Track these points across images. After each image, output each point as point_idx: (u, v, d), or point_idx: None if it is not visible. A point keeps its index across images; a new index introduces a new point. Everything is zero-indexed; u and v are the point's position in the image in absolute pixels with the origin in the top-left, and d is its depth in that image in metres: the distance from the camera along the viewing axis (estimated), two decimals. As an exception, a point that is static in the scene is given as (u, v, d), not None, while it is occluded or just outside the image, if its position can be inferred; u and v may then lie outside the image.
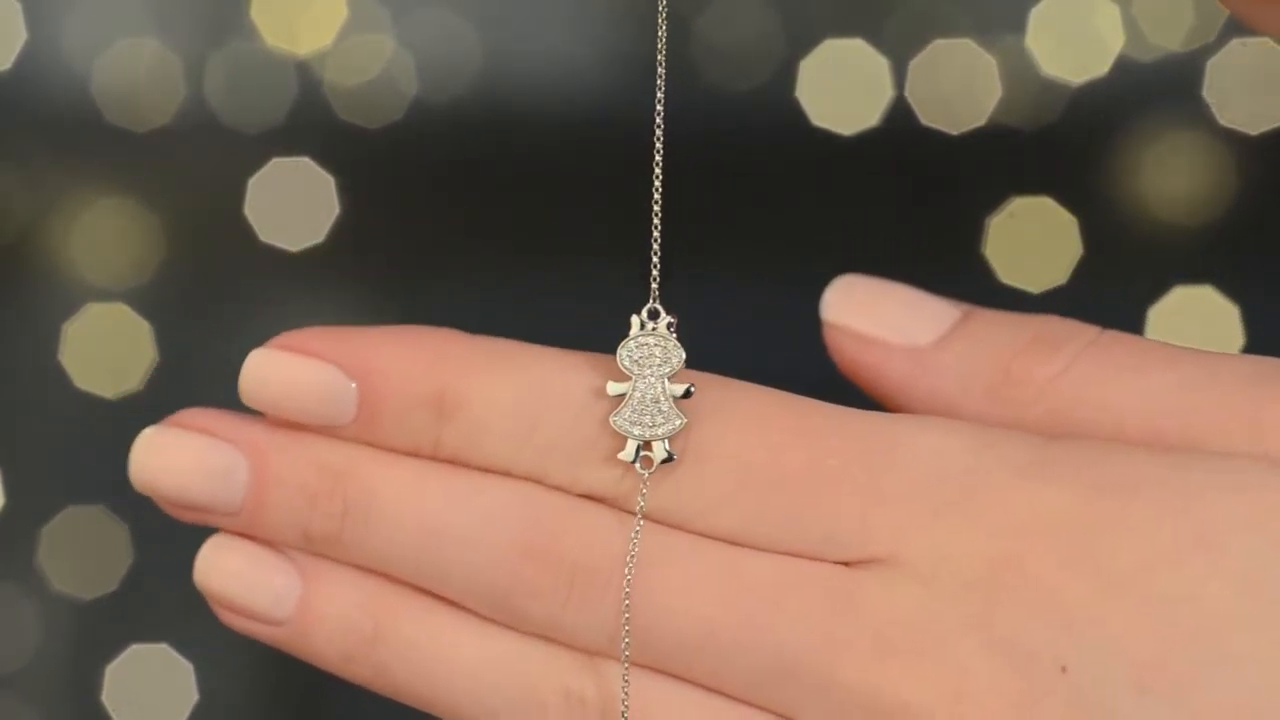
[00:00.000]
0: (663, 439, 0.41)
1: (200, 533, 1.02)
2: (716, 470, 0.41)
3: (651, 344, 0.42)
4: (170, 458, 0.44)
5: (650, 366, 0.42)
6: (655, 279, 0.43)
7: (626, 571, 0.41)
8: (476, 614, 0.43)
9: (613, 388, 0.42)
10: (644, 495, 0.42)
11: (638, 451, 0.41)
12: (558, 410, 0.42)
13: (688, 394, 0.42)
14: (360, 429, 0.43)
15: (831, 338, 0.45)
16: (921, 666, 0.40)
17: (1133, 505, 0.39)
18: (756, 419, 0.41)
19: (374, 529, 0.43)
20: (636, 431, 0.41)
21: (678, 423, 0.41)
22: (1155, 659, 0.39)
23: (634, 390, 0.42)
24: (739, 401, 0.42)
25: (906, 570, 0.40)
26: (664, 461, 0.41)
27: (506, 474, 0.42)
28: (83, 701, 0.93)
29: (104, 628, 0.93)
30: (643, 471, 0.41)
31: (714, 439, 0.41)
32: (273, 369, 0.43)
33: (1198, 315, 0.91)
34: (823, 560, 0.41)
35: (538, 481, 0.42)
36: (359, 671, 0.44)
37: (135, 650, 0.93)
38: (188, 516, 0.45)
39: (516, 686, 0.42)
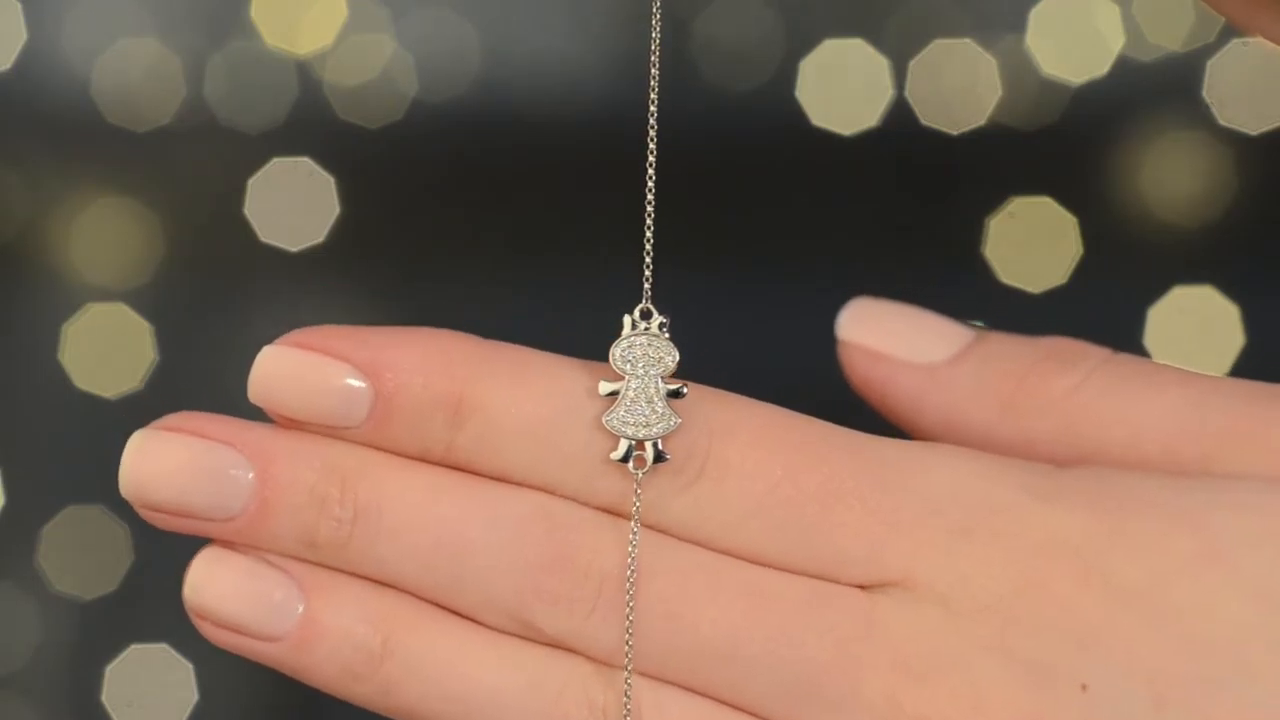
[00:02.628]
0: (656, 439, 0.41)
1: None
2: (735, 487, 0.41)
3: (644, 344, 0.42)
4: (162, 461, 0.42)
5: (643, 366, 0.42)
6: (648, 279, 0.43)
7: (628, 581, 0.41)
8: (491, 627, 0.42)
9: (604, 387, 0.42)
10: (638, 495, 0.42)
11: (629, 451, 0.41)
12: (577, 422, 0.42)
13: (678, 394, 0.42)
14: (371, 431, 0.42)
15: (846, 355, 0.45)
16: (941, 685, 0.40)
17: (1143, 524, 0.40)
18: (775, 439, 0.42)
19: (385, 536, 0.42)
20: (630, 431, 0.41)
21: (672, 422, 0.41)
22: (1170, 673, 0.39)
23: (627, 390, 0.41)
24: (757, 420, 0.42)
25: (922, 593, 0.40)
26: (656, 461, 0.41)
27: (520, 483, 0.42)
28: (83, 701, 0.94)
29: (104, 628, 0.93)
30: (635, 471, 0.41)
31: (733, 456, 0.41)
32: (285, 366, 0.42)
33: (1198, 315, 0.91)
34: (839, 582, 0.41)
35: (551, 492, 0.42)
36: (362, 690, 0.42)
37: (135, 650, 0.93)
38: (179, 525, 0.43)
39: (538, 700, 0.42)
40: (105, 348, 0.93)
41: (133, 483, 0.42)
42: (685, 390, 0.42)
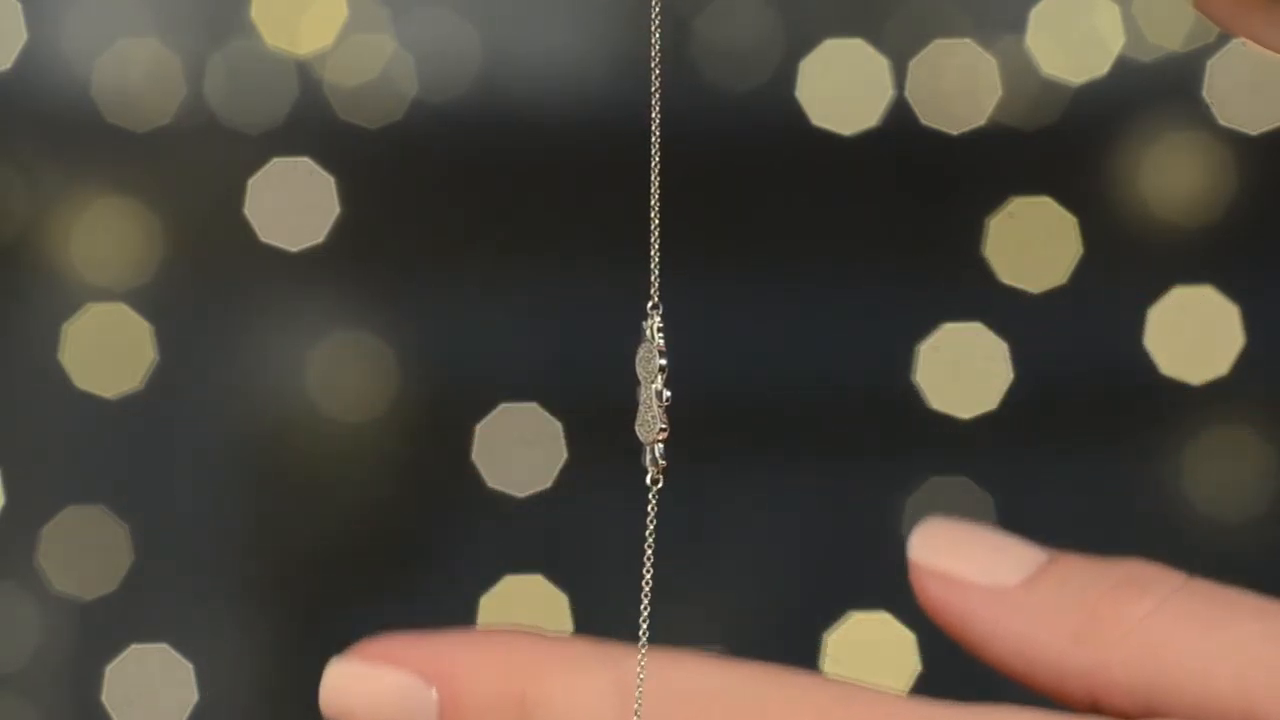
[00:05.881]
0: (650, 445, 0.42)
1: (202, 529, 1.02)
2: None
3: (646, 350, 0.43)
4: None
5: (645, 373, 0.43)
6: (655, 288, 0.43)
7: (642, 613, 0.42)
8: None
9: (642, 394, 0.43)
10: (655, 503, 0.42)
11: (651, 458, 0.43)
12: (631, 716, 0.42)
13: (660, 396, 0.42)
14: None
15: (917, 578, 0.43)
16: None
17: None
18: (798, 710, 0.41)
19: None
20: (642, 436, 0.42)
21: (659, 428, 0.42)
22: None
23: (641, 397, 0.43)
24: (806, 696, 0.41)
25: None
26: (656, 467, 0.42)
27: None
28: (83, 701, 0.94)
29: (104, 628, 0.94)
30: (657, 477, 0.42)
31: None
32: (351, 680, 0.43)
33: (1198, 315, 0.91)
34: None
35: None
36: None
37: (135, 650, 0.93)
38: None
39: None
40: (105, 348, 0.93)
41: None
42: (669, 397, 0.42)
